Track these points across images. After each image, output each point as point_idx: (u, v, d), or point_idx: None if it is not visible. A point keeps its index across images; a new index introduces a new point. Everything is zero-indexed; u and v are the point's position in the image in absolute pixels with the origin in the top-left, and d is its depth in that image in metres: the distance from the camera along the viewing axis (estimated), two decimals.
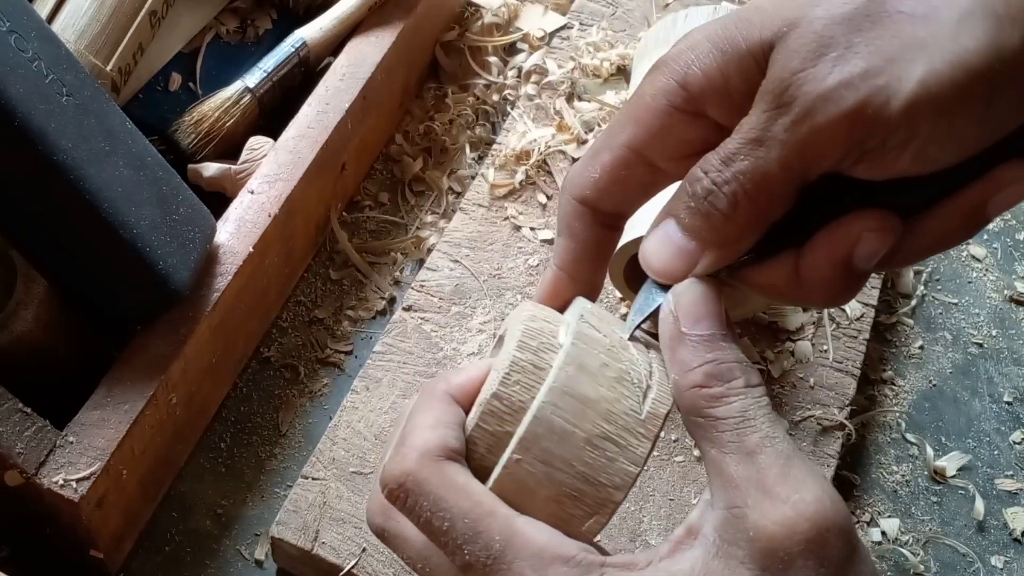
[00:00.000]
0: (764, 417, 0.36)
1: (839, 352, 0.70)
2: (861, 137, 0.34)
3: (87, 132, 0.54)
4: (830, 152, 0.35)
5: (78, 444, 0.54)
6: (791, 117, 0.35)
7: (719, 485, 0.36)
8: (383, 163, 0.81)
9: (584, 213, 0.42)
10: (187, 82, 0.74)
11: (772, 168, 0.36)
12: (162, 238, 0.56)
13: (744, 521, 0.35)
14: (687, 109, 0.39)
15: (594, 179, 0.41)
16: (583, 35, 0.84)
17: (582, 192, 0.42)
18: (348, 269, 0.75)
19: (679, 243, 0.39)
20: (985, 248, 0.82)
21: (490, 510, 0.37)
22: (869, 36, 0.34)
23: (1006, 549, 0.69)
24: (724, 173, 0.37)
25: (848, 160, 0.35)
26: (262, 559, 0.63)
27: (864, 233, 0.37)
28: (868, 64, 0.34)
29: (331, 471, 0.62)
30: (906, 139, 0.34)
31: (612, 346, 0.39)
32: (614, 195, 0.42)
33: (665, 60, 0.40)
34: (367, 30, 0.75)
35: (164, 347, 0.58)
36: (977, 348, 0.77)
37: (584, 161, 0.42)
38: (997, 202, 0.36)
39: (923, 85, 0.33)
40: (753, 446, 0.36)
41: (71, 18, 0.67)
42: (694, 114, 0.40)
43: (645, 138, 0.40)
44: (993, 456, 0.72)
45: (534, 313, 0.41)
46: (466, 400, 0.41)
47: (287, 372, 0.70)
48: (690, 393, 0.37)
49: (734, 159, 0.37)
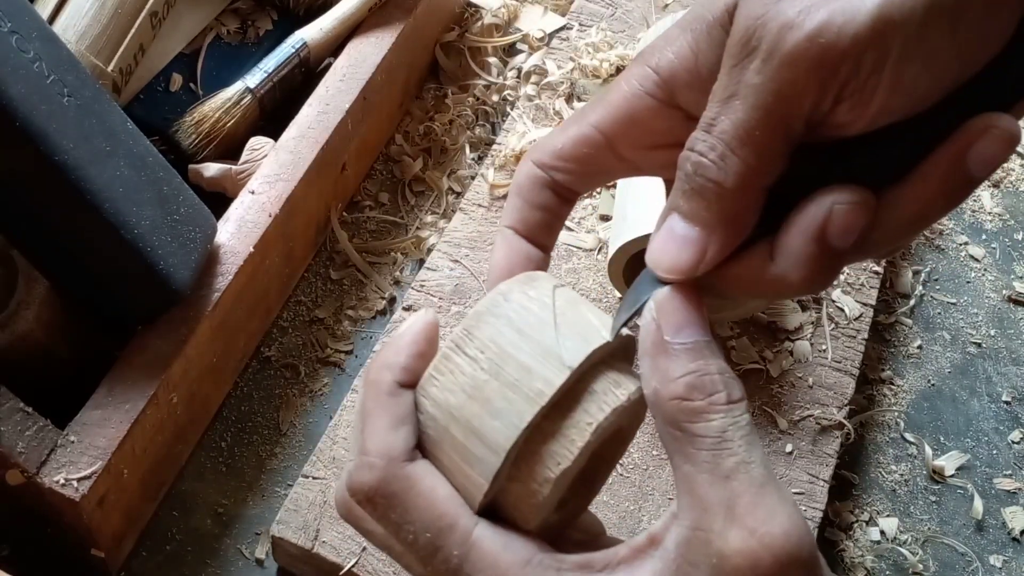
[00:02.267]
0: (742, 439, 0.35)
1: (838, 352, 0.70)
2: (833, 61, 0.34)
3: (88, 132, 0.54)
4: (806, 84, 0.34)
5: (79, 443, 0.54)
6: (760, 58, 0.34)
7: (688, 503, 0.36)
8: (383, 163, 0.81)
9: (538, 177, 0.42)
10: (188, 83, 0.75)
11: (752, 118, 0.35)
12: (163, 238, 0.56)
13: (708, 546, 0.34)
14: (658, 95, 0.39)
15: (556, 148, 0.41)
16: (582, 36, 0.84)
17: (541, 157, 0.42)
18: (348, 269, 0.75)
19: (683, 233, 0.37)
20: (984, 248, 0.82)
21: (450, 523, 0.37)
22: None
23: (1004, 548, 0.69)
24: (708, 140, 0.36)
25: (828, 96, 0.34)
26: (263, 558, 0.63)
27: (835, 206, 0.35)
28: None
29: (331, 470, 0.62)
30: (880, 59, 0.33)
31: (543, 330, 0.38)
32: (571, 169, 0.42)
33: (642, 51, 0.40)
34: (367, 31, 0.75)
35: (165, 347, 0.58)
36: (976, 348, 0.77)
37: (552, 132, 0.42)
38: (977, 154, 0.35)
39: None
40: (728, 470, 0.35)
41: (72, 19, 0.67)
42: (664, 102, 0.39)
43: (612, 121, 0.40)
44: (992, 455, 0.72)
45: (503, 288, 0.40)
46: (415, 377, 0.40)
47: (288, 372, 0.71)
48: (671, 405, 0.36)
49: (714, 123, 0.36)
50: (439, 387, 0.38)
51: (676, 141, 0.38)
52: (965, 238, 0.82)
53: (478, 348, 0.38)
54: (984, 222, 0.84)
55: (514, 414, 0.36)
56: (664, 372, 0.36)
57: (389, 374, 0.39)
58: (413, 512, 0.38)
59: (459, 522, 0.37)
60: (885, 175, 0.36)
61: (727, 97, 0.35)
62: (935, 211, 0.36)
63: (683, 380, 0.36)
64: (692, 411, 0.35)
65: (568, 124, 0.42)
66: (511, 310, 0.38)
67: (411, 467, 0.38)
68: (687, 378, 0.36)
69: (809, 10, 0.34)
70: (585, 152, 0.41)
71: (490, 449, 0.37)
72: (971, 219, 0.84)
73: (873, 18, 0.33)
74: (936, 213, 0.37)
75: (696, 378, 0.36)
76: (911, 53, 0.33)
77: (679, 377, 0.36)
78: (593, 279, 0.71)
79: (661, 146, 0.40)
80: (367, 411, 0.39)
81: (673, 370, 0.36)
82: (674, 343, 0.36)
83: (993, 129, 0.34)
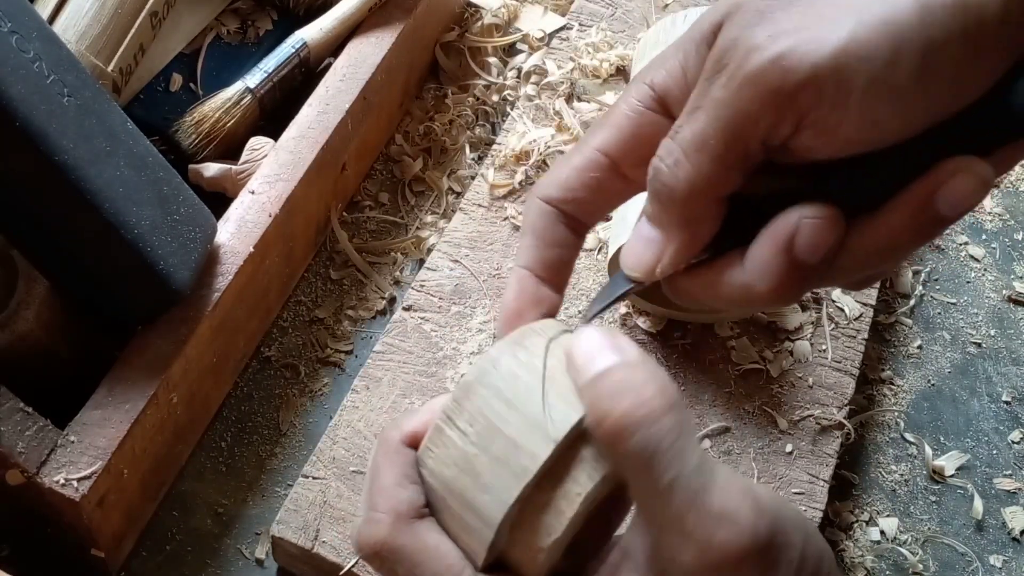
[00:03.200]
0: (671, 450, 0.34)
1: (838, 352, 0.70)
2: (791, 87, 0.34)
3: (88, 132, 0.54)
4: (763, 105, 0.35)
5: (79, 443, 0.54)
6: (725, 75, 0.36)
7: (641, 521, 0.36)
8: (383, 163, 0.81)
9: (549, 212, 0.42)
10: (188, 83, 0.75)
11: (708, 128, 0.36)
12: (163, 238, 0.56)
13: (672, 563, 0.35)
14: (656, 110, 0.40)
15: (562, 180, 0.42)
16: (582, 36, 0.84)
17: (548, 191, 0.42)
18: (348, 269, 0.75)
19: (646, 235, 0.39)
20: (984, 248, 0.82)
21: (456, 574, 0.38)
22: (805, 6, 0.36)
23: (1004, 548, 0.69)
24: (668, 146, 0.38)
25: (786, 122, 0.35)
26: (263, 558, 0.63)
27: (803, 220, 0.36)
28: (799, 23, 0.35)
29: (331, 470, 0.62)
30: (842, 93, 0.34)
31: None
32: (580, 198, 0.42)
33: (639, 72, 0.42)
34: (367, 31, 0.75)
35: (165, 347, 0.58)
36: (976, 348, 0.77)
37: (554, 166, 0.43)
38: (946, 195, 0.35)
39: (852, 34, 0.34)
40: (664, 487, 0.34)
41: (72, 19, 0.67)
42: (663, 115, 0.40)
43: (615, 141, 0.41)
44: (992, 455, 0.72)
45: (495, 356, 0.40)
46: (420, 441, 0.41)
47: (288, 372, 0.71)
48: (599, 433, 0.36)
49: (678, 131, 0.37)
50: (434, 459, 0.39)
51: None
52: (965, 238, 0.82)
53: (467, 421, 0.38)
54: (984, 222, 0.84)
55: (503, 490, 0.37)
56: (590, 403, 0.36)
57: (397, 433, 0.40)
58: (421, 566, 0.38)
59: (464, 574, 0.38)
60: (858, 202, 0.37)
61: (693, 108, 0.37)
62: (903, 244, 0.37)
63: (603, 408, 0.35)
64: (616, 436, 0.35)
65: (570, 155, 0.42)
66: (499, 379, 0.38)
67: (418, 524, 0.39)
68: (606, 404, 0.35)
69: (778, 36, 0.35)
70: (592, 177, 0.41)
71: (483, 522, 0.37)
72: (971, 219, 0.84)
73: (836, 50, 0.34)
74: (904, 246, 0.37)
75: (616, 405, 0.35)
76: (877, 90, 0.34)
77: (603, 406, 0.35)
78: (593, 279, 0.71)
79: None
80: (377, 466, 0.40)
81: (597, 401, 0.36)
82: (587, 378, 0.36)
83: (964, 173, 0.35)
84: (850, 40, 0.34)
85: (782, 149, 0.37)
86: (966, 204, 0.35)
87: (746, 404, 0.67)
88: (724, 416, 0.67)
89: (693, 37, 0.39)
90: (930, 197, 0.35)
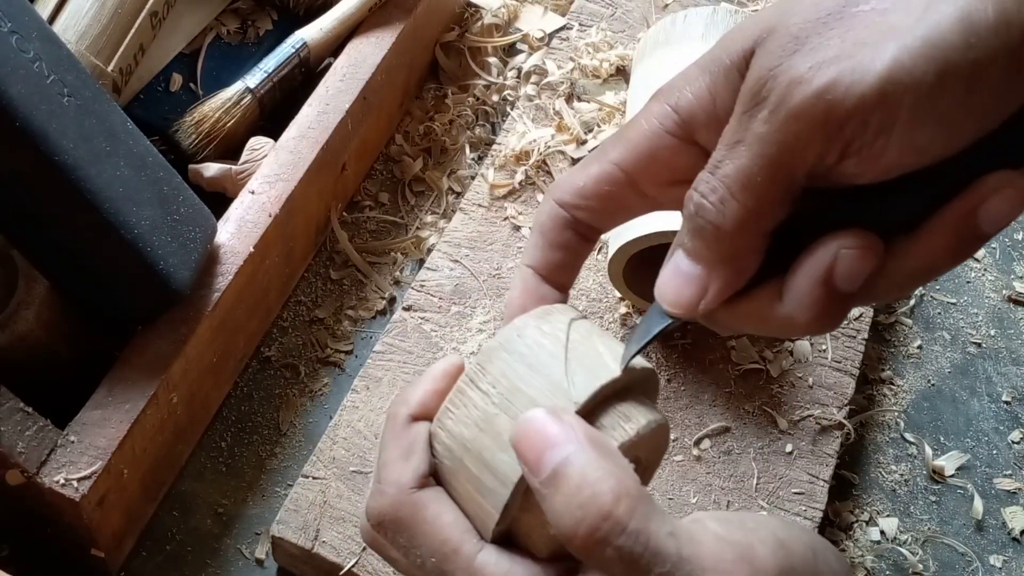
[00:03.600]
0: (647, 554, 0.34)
1: (838, 352, 0.70)
2: (838, 119, 0.34)
3: (88, 132, 0.54)
4: (810, 139, 0.35)
5: (79, 443, 0.54)
6: (767, 108, 0.35)
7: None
8: (383, 163, 0.81)
9: (561, 217, 0.43)
10: (188, 82, 0.75)
11: (754, 165, 0.36)
12: (163, 238, 0.56)
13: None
14: (677, 133, 0.40)
15: (578, 187, 0.42)
16: (582, 36, 0.84)
17: (563, 196, 0.42)
18: (348, 269, 0.75)
19: (687, 270, 0.39)
20: (984, 248, 0.82)
21: (454, 548, 0.38)
22: (842, 30, 0.35)
23: (1004, 548, 0.69)
24: (711, 183, 0.37)
25: (832, 152, 0.35)
26: (263, 558, 0.63)
27: (841, 251, 0.36)
28: (840, 50, 0.34)
29: (331, 470, 0.62)
30: (888, 120, 0.34)
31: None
32: (594, 207, 0.42)
33: (661, 88, 0.41)
34: (367, 31, 0.75)
35: (165, 347, 0.58)
36: (976, 348, 0.77)
37: (573, 170, 0.43)
38: (988, 212, 0.35)
39: (896, 60, 0.33)
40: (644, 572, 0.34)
41: (72, 19, 0.67)
42: (684, 140, 0.40)
43: (634, 159, 0.41)
44: (992, 455, 0.72)
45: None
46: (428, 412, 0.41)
47: (288, 372, 0.71)
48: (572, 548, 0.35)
49: (719, 167, 0.37)
50: (454, 420, 0.40)
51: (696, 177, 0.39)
52: None
53: (490, 383, 0.39)
54: None
55: None
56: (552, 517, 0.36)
57: (404, 408, 0.41)
58: (419, 537, 0.39)
59: (463, 547, 0.38)
60: (895, 224, 0.36)
61: (734, 143, 0.36)
62: (942, 265, 0.37)
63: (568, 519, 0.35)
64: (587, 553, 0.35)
65: (589, 162, 0.42)
66: (524, 346, 0.39)
67: (419, 494, 0.40)
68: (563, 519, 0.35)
69: (820, 66, 0.34)
70: (607, 190, 0.42)
71: (500, 481, 0.38)
72: None
73: (881, 80, 0.33)
74: (943, 267, 0.37)
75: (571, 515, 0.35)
76: (923, 116, 0.34)
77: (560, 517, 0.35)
78: (593, 279, 0.71)
79: (681, 182, 0.40)
80: (383, 443, 0.42)
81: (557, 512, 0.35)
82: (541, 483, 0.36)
83: (1007, 189, 0.35)
84: (894, 66, 0.33)
85: (822, 176, 0.36)
86: (1008, 219, 0.35)
87: (746, 404, 0.67)
88: (724, 416, 0.67)
89: (721, 61, 0.38)
90: (971, 215, 0.35)
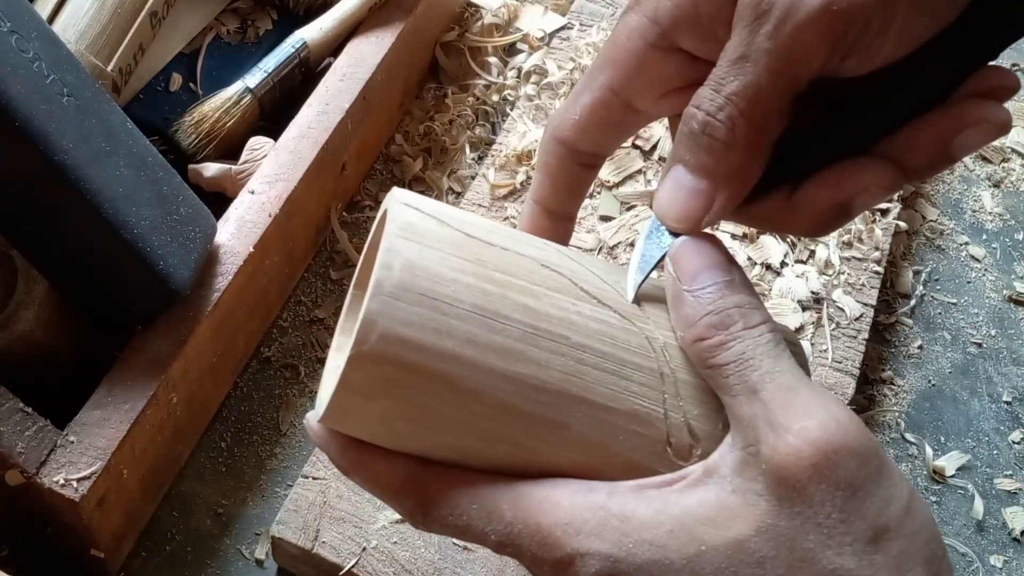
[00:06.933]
0: (764, 354, 0.37)
1: (838, 352, 0.70)
2: (843, 25, 0.35)
3: (88, 132, 0.54)
4: (816, 49, 0.36)
5: (79, 444, 0.54)
6: (772, 24, 0.36)
7: (734, 428, 0.37)
8: (383, 163, 0.81)
9: (563, 153, 0.43)
10: (188, 82, 0.75)
11: (762, 81, 0.36)
12: (163, 238, 0.56)
13: (758, 459, 0.35)
14: (660, 44, 0.40)
15: (574, 120, 0.43)
16: (583, 35, 0.84)
17: (562, 133, 0.43)
18: (348, 269, 0.75)
19: (691, 185, 0.39)
20: (984, 248, 0.82)
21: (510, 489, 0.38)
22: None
23: (1005, 549, 0.69)
24: (716, 100, 0.37)
25: (835, 57, 0.36)
26: (263, 558, 0.63)
27: (872, 187, 0.38)
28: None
29: (331, 471, 0.62)
30: (888, 18, 0.35)
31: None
32: (593, 136, 0.43)
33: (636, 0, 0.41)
34: (367, 30, 0.75)
35: (165, 347, 0.58)
36: (976, 348, 0.77)
37: (566, 103, 0.43)
38: (961, 142, 0.37)
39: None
40: (755, 384, 0.36)
41: (72, 19, 0.67)
42: (668, 49, 0.40)
43: (623, 78, 0.41)
44: (992, 456, 0.72)
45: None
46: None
47: (287, 372, 0.71)
48: (694, 347, 0.38)
49: (724, 84, 0.37)
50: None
51: (686, 83, 0.40)
52: (966, 238, 0.82)
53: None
54: (985, 222, 0.84)
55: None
56: (685, 319, 0.38)
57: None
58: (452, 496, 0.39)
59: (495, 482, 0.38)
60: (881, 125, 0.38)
61: (738, 58, 0.37)
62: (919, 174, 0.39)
63: (702, 322, 0.38)
64: (712, 347, 0.37)
65: (580, 92, 0.43)
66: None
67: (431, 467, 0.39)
68: (705, 319, 0.38)
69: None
70: (603, 115, 0.42)
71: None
72: (972, 219, 0.84)
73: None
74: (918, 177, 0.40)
75: (713, 317, 0.38)
76: (917, 10, 0.35)
77: (698, 320, 0.38)
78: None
79: (672, 91, 0.41)
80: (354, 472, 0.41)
81: (691, 316, 0.38)
82: (692, 290, 0.38)
83: (985, 123, 0.37)
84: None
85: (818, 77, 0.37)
86: (976, 149, 0.38)
87: None
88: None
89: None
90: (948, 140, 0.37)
